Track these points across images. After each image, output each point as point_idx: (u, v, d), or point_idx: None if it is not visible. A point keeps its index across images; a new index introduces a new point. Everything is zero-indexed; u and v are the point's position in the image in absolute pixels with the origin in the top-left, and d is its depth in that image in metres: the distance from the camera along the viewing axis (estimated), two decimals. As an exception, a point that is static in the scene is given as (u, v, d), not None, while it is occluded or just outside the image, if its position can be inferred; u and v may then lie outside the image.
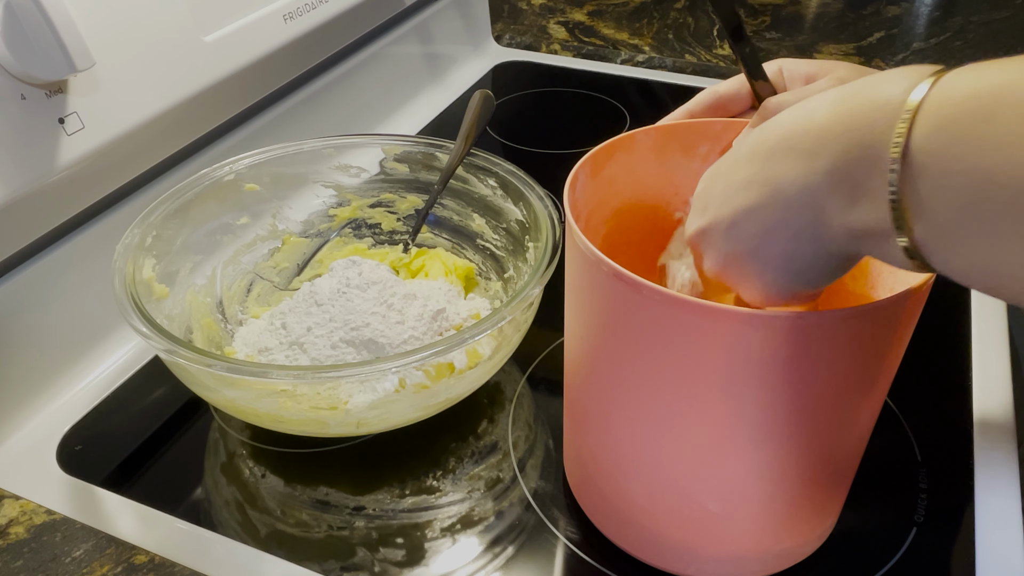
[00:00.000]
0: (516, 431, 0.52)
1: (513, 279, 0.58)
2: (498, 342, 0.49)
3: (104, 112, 0.51)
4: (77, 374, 0.56)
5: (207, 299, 0.56)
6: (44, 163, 0.48)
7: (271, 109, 0.72)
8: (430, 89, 0.93)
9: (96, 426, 0.53)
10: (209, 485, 0.49)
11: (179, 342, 0.43)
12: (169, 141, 0.60)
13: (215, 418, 0.54)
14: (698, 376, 0.34)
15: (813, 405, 0.34)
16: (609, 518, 0.44)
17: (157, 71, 0.54)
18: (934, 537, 0.45)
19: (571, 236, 0.37)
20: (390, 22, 0.86)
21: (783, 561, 0.43)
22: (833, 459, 0.39)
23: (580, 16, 1.11)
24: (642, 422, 0.37)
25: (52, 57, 0.44)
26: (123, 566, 0.42)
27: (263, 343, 0.54)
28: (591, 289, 0.36)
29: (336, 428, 0.48)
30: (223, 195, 0.58)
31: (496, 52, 1.04)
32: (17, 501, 0.46)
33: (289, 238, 0.63)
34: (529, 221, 0.55)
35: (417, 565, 0.44)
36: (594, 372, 0.39)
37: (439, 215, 0.64)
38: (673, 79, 0.97)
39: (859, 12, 1.05)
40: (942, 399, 0.53)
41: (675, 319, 0.32)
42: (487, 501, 0.48)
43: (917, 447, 0.50)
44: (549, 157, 0.83)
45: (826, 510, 0.42)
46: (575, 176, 0.40)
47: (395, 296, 0.53)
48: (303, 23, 0.67)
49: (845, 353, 0.32)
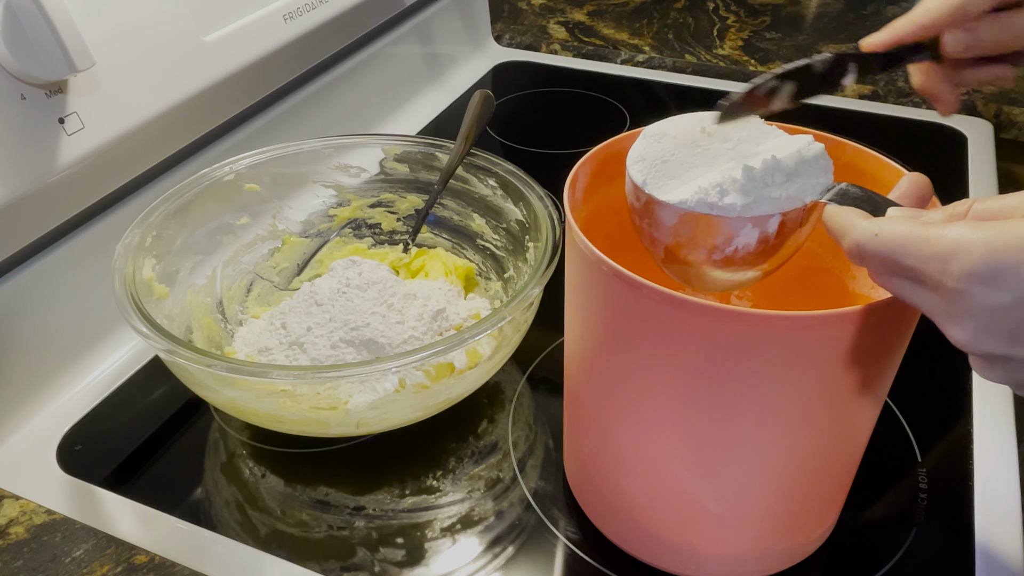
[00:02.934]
0: (516, 431, 0.52)
1: (513, 279, 0.58)
2: (498, 342, 0.49)
3: (104, 112, 0.51)
4: (77, 374, 0.56)
5: (207, 299, 0.56)
6: (44, 163, 0.48)
7: (271, 109, 0.72)
8: (430, 89, 0.93)
9: (96, 426, 0.53)
10: (209, 485, 0.49)
11: (179, 342, 0.44)
12: (169, 141, 0.60)
13: (215, 418, 0.54)
14: (698, 376, 0.34)
15: (813, 405, 0.34)
16: (609, 518, 0.44)
17: (157, 71, 0.54)
18: (934, 537, 0.45)
19: (571, 236, 0.37)
20: (390, 22, 0.85)
21: (783, 561, 0.43)
22: (833, 459, 0.39)
23: (580, 16, 1.11)
24: (642, 422, 0.37)
25: (52, 57, 0.44)
26: (123, 566, 0.42)
27: (263, 343, 0.54)
28: (591, 289, 0.36)
29: (336, 428, 0.48)
30: (223, 195, 0.58)
31: (496, 52, 1.04)
32: (17, 501, 0.46)
33: (289, 238, 0.63)
34: (529, 221, 0.55)
35: (417, 565, 0.44)
36: (594, 372, 0.39)
37: (439, 215, 0.64)
38: (673, 79, 0.97)
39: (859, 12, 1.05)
40: (942, 399, 0.53)
41: (675, 319, 0.32)
42: (487, 501, 0.48)
43: (917, 447, 0.50)
44: (549, 157, 0.83)
45: (826, 510, 0.42)
46: (575, 176, 0.40)
47: (395, 296, 0.53)
48: (303, 23, 0.67)
49: (845, 353, 0.32)
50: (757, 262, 0.37)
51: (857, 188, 0.33)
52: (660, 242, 0.37)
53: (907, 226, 0.28)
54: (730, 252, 0.36)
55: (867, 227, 0.29)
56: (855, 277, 0.44)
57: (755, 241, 0.35)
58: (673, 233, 0.36)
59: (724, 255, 0.36)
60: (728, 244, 0.36)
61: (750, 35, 1.03)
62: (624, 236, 0.42)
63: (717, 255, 0.36)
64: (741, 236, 0.35)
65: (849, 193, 0.33)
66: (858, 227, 0.29)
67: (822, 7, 1.10)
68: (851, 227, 0.30)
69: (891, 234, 0.28)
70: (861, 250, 0.29)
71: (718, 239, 0.35)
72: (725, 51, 0.98)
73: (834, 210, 0.32)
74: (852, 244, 0.30)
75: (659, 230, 0.37)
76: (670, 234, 0.37)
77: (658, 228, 0.37)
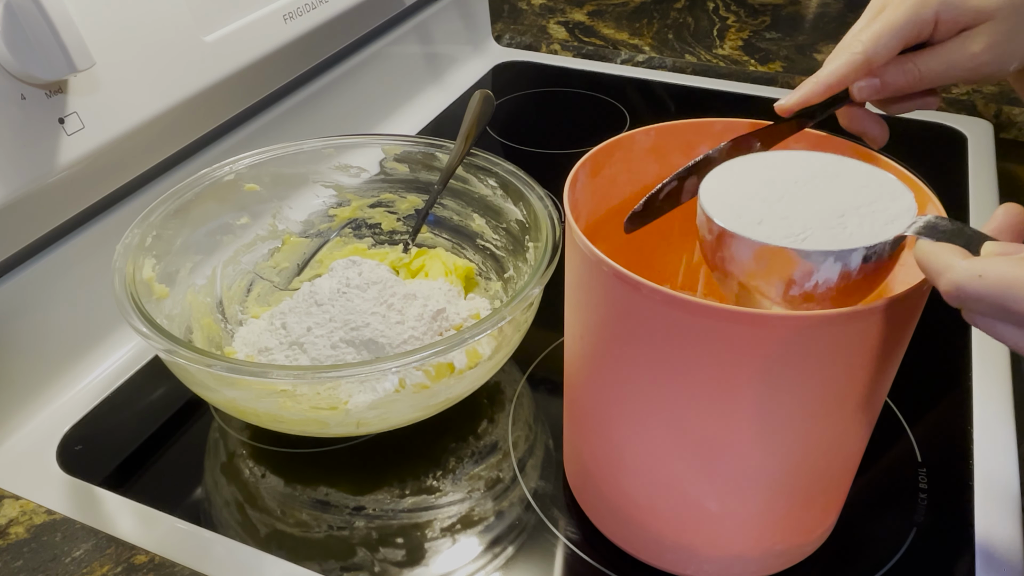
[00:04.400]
0: (516, 431, 0.52)
1: (513, 279, 0.58)
2: (498, 342, 0.49)
3: (104, 112, 0.51)
4: (77, 374, 0.56)
5: (207, 299, 0.56)
6: (44, 163, 0.48)
7: (271, 109, 0.72)
8: (430, 89, 0.93)
9: (96, 426, 0.53)
10: (209, 485, 0.49)
11: (179, 342, 0.44)
12: (169, 141, 0.60)
13: (215, 418, 0.54)
14: (698, 376, 0.34)
15: (813, 405, 0.34)
16: (609, 518, 0.44)
17: (157, 71, 0.54)
18: (934, 537, 0.45)
19: (571, 236, 0.37)
20: (390, 22, 0.86)
21: (783, 561, 0.43)
22: (833, 459, 0.39)
23: (580, 16, 1.11)
24: (642, 422, 0.37)
25: (52, 57, 0.44)
26: (123, 566, 0.42)
27: (263, 343, 0.54)
28: (591, 289, 0.36)
29: (336, 428, 0.48)
30: (223, 195, 0.58)
31: (496, 52, 1.04)
32: (17, 501, 0.46)
33: (289, 238, 0.63)
34: (529, 221, 0.55)
35: (417, 565, 0.44)
36: (594, 372, 0.39)
37: (439, 215, 0.64)
38: (673, 79, 0.97)
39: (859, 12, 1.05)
40: (942, 399, 0.53)
41: (675, 319, 0.32)
42: (487, 501, 0.48)
43: (917, 447, 0.50)
44: (549, 157, 0.83)
45: (826, 510, 0.42)
46: (575, 176, 0.40)
47: (395, 296, 0.53)
48: (303, 23, 0.67)
49: (845, 353, 0.32)
50: (839, 300, 0.34)
51: (946, 220, 0.31)
52: (735, 277, 0.36)
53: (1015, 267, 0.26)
54: (809, 288, 0.34)
55: (968, 268, 0.27)
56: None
57: (836, 276, 0.33)
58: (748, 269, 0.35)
59: (803, 291, 0.34)
60: (807, 279, 0.33)
61: (750, 35, 1.03)
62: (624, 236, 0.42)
63: (795, 290, 0.34)
64: (822, 271, 0.33)
65: (939, 227, 0.31)
66: (957, 269, 0.27)
67: (822, 7, 1.10)
68: (948, 268, 0.28)
69: (997, 276, 0.26)
70: (962, 292, 0.27)
71: (795, 273, 0.33)
72: (725, 51, 0.98)
73: (928, 247, 0.30)
74: (951, 286, 0.28)
75: (733, 264, 0.35)
76: (744, 270, 0.35)
77: (732, 263, 0.35)
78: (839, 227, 0.33)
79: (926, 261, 0.30)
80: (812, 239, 0.33)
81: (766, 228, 0.34)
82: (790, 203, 0.35)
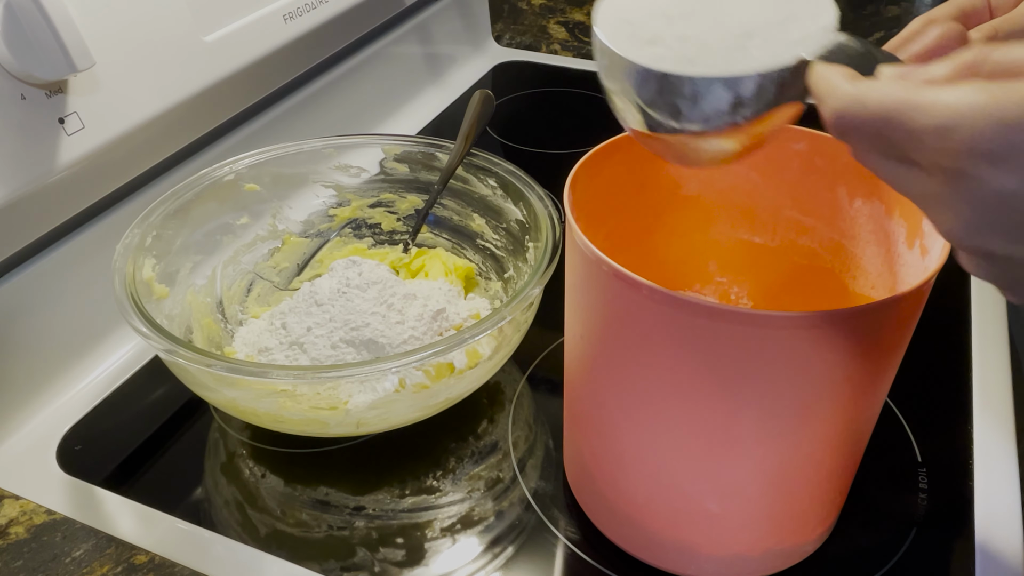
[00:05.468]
0: (516, 431, 0.52)
1: (513, 279, 0.58)
2: (498, 342, 0.49)
3: (104, 112, 0.51)
4: (77, 374, 0.56)
5: (207, 299, 0.56)
6: (44, 163, 0.48)
7: (271, 109, 0.72)
8: (430, 89, 0.93)
9: (96, 426, 0.53)
10: (209, 485, 0.49)
11: (179, 342, 0.44)
12: (169, 141, 0.60)
13: (215, 418, 0.54)
14: (698, 375, 0.34)
15: (813, 405, 0.34)
16: (609, 518, 0.44)
17: (157, 71, 0.54)
18: (934, 537, 0.45)
19: (571, 236, 0.37)
20: (390, 22, 0.86)
21: (783, 561, 0.43)
22: (833, 459, 0.39)
23: (580, 16, 1.11)
24: (642, 422, 0.37)
25: (52, 57, 0.44)
26: (123, 566, 0.42)
27: (263, 343, 0.54)
28: (591, 289, 0.36)
29: (336, 428, 0.48)
30: (223, 195, 0.58)
31: (496, 52, 1.04)
32: (17, 501, 0.46)
33: (289, 238, 0.63)
34: (529, 221, 0.55)
35: (417, 565, 0.44)
36: (594, 372, 0.39)
37: (439, 215, 0.64)
38: (673, 79, 0.97)
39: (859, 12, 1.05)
40: (942, 399, 0.53)
41: (675, 319, 0.32)
42: (487, 501, 0.48)
43: (917, 447, 0.50)
44: (549, 157, 0.83)
45: (826, 510, 0.42)
46: (575, 176, 0.40)
47: (395, 296, 0.53)
48: (303, 23, 0.67)
49: (845, 353, 0.32)
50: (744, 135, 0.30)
51: (857, 42, 0.27)
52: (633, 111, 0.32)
53: (900, 90, 0.21)
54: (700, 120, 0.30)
55: (850, 91, 0.23)
56: (855, 277, 0.44)
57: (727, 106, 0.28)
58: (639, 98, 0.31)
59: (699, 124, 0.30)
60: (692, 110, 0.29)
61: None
62: (624, 236, 0.42)
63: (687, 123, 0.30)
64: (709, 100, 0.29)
65: (846, 49, 0.26)
66: (839, 92, 0.23)
67: (822, 7, 1.10)
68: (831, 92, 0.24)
69: (879, 101, 0.22)
70: (841, 121, 0.23)
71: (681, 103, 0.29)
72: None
73: (819, 70, 0.25)
74: (831, 113, 0.23)
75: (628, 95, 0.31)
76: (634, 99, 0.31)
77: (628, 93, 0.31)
78: (739, 49, 0.28)
79: (814, 87, 0.25)
80: (701, 62, 0.28)
81: (658, 49, 0.29)
82: (697, 20, 0.30)
